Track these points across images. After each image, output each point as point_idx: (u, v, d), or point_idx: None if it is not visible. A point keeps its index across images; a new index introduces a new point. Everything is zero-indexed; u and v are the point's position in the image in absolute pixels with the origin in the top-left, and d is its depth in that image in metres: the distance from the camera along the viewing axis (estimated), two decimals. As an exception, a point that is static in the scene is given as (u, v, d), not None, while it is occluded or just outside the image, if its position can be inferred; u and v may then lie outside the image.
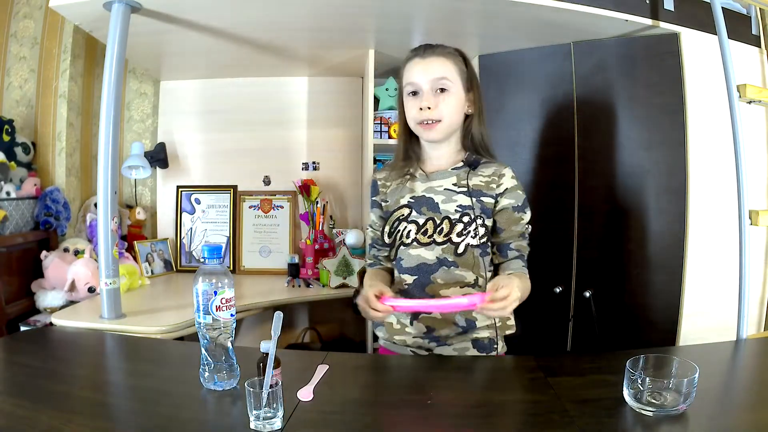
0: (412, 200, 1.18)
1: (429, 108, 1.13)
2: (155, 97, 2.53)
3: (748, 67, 1.69)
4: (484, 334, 1.17)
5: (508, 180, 1.17)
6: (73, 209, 2.26)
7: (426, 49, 1.16)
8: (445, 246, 1.14)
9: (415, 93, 1.15)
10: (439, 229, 1.14)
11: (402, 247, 1.18)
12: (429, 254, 1.15)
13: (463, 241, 1.13)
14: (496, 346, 1.19)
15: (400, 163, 1.23)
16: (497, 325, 1.18)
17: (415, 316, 1.16)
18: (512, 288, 0.97)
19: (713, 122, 1.63)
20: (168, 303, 1.81)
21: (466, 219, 1.14)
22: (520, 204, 1.16)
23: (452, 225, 1.14)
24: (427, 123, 1.14)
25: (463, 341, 1.17)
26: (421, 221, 1.16)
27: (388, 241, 1.21)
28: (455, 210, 1.14)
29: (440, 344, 1.16)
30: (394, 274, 1.23)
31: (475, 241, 1.14)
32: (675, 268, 1.66)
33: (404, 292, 1.17)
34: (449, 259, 1.14)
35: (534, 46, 1.91)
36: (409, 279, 1.17)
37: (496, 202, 1.16)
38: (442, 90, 1.13)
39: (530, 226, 1.18)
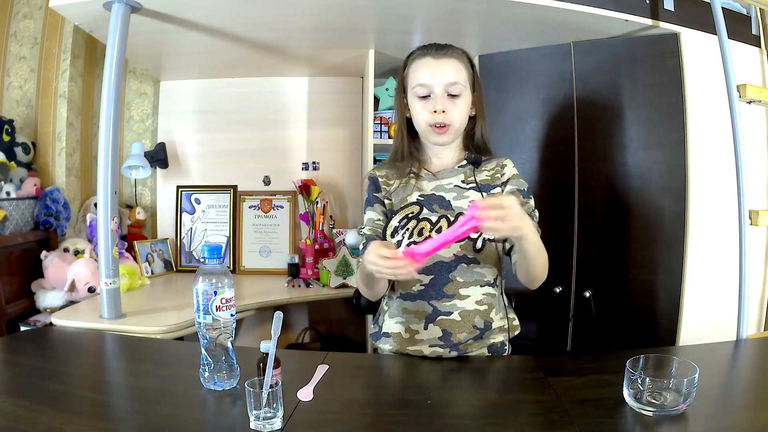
0: (421, 198, 1.16)
1: (443, 111, 1.12)
2: (155, 97, 2.53)
3: (748, 67, 1.69)
4: (498, 338, 1.17)
5: (510, 169, 1.18)
6: (73, 209, 2.26)
7: (438, 49, 1.14)
8: (463, 243, 1.12)
9: (425, 95, 1.13)
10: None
11: (413, 245, 1.14)
12: (446, 252, 1.12)
13: (480, 236, 1.12)
14: (506, 347, 1.20)
15: (399, 162, 1.22)
16: (507, 327, 1.18)
17: (430, 319, 1.13)
18: (511, 201, 0.91)
19: (713, 122, 1.63)
20: (168, 303, 1.81)
21: None
22: (525, 190, 1.16)
23: None
24: (440, 126, 1.13)
25: (481, 347, 1.16)
26: (434, 219, 1.13)
27: (392, 241, 1.17)
28: (468, 206, 1.14)
29: (460, 352, 1.14)
30: None
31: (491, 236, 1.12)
32: (675, 268, 1.66)
33: (420, 294, 1.14)
34: (468, 256, 1.13)
35: (534, 46, 1.91)
36: (425, 279, 1.13)
37: (502, 190, 1.16)
38: (454, 95, 1.12)
39: (537, 212, 1.16)
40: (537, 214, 1.16)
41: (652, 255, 1.71)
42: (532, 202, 1.16)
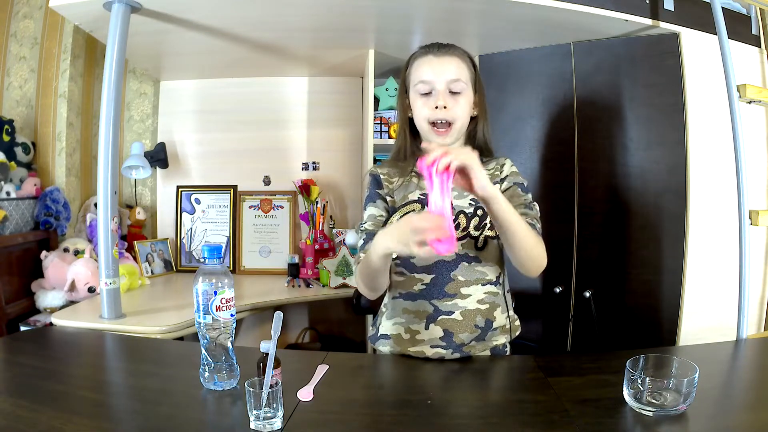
0: (423, 197, 1.15)
1: (445, 107, 1.11)
2: (155, 97, 2.53)
3: (748, 67, 1.69)
4: (500, 340, 1.17)
5: (509, 167, 1.18)
6: (73, 209, 2.26)
7: (440, 48, 1.14)
8: (464, 241, 1.12)
9: (427, 92, 1.13)
10: (455, 224, 1.12)
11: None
12: None
13: (481, 234, 1.12)
14: (506, 349, 1.20)
15: (400, 162, 1.21)
16: (509, 327, 1.18)
17: (431, 319, 1.13)
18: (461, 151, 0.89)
19: (713, 122, 1.63)
20: (168, 303, 1.81)
21: (480, 212, 1.12)
22: (524, 185, 1.16)
23: (468, 219, 1.12)
24: (441, 124, 1.12)
25: (483, 350, 1.16)
26: None
27: None
28: (469, 204, 1.13)
29: (463, 354, 1.13)
30: (393, 274, 1.18)
31: (492, 233, 1.12)
32: (675, 268, 1.66)
33: (421, 294, 1.13)
34: (470, 255, 1.12)
35: (534, 46, 1.91)
36: (426, 278, 1.13)
37: (500, 186, 1.15)
38: (456, 92, 1.12)
39: (537, 205, 1.14)
40: (537, 207, 1.14)
41: (652, 255, 1.71)
42: (530, 196, 1.16)
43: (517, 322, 1.22)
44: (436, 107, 1.11)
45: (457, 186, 0.93)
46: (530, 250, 1.04)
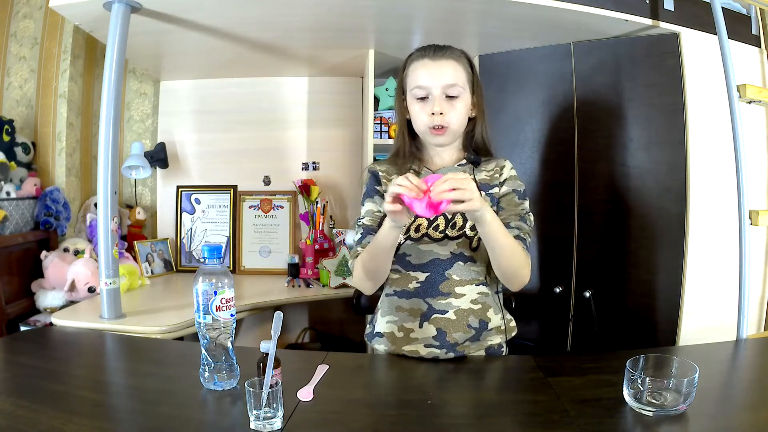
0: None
1: (441, 113, 1.11)
2: (155, 97, 2.53)
3: (748, 67, 1.69)
4: (495, 340, 1.17)
5: (508, 170, 1.18)
6: (73, 209, 2.26)
7: (436, 51, 1.13)
8: (459, 240, 1.12)
9: (423, 97, 1.13)
10: (451, 223, 1.13)
11: (409, 242, 1.14)
12: (442, 250, 1.13)
13: (476, 235, 1.12)
14: (503, 349, 1.20)
15: (399, 160, 1.21)
16: (504, 328, 1.18)
17: (425, 317, 1.13)
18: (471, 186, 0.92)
19: (713, 122, 1.63)
20: (168, 303, 1.81)
21: None
22: (520, 191, 1.16)
23: (465, 219, 1.13)
24: (438, 128, 1.13)
25: (478, 350, 1.16)
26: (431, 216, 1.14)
27: None
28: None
29: (457, 354, 1.14)
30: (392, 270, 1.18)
31: None
32: (675, 268, 1.66)
33: (415, 292, 1.14)
34: (465, 254, 1.13)
35: (534, 46, 1.91)
36: (421, 276, 1.13)
37: (499, 190, 1.16)
38: (452, 96, 1.12)
39: (532, 215, 1.15)
40: (531, 219, 1.15)
41: (652, 255, 1.71)
42: (527, 204, 1.16)
43: (513, 323, 1.22)
44: (433, 113, 1.11)
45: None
46: (515, 269, 1.07)
